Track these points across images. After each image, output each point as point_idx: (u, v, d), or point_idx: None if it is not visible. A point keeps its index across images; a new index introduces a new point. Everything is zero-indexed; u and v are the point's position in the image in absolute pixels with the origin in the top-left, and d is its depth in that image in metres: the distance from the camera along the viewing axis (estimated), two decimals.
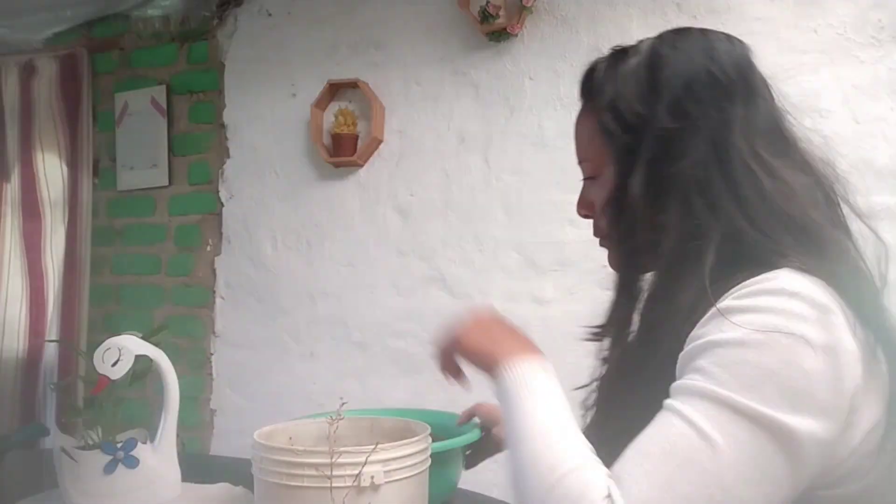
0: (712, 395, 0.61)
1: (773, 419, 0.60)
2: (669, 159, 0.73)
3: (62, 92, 2.71)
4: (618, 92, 0.78)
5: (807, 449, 0.61)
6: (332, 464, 0.79)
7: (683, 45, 0.77)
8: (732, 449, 0.59)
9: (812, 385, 0.61)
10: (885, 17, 1.81)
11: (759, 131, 0.75)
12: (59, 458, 1.13)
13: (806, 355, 0.61)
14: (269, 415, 2.30)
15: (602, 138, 0.80)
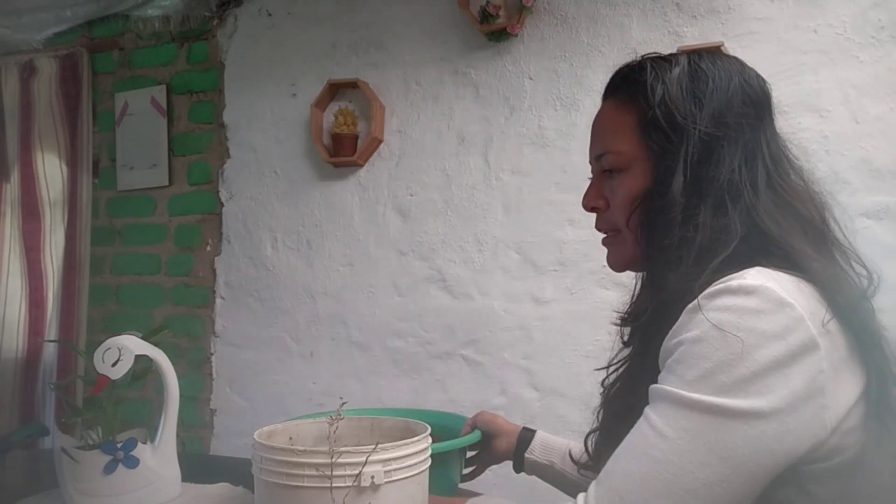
0: (668, 395, 0.70)
1: (724, 407, 0.67)
2: (709, 163, 0.79)
3: (62, 92, 2.71)
4: (668, 92, 0.82)
5: (763, 430, 0.66)
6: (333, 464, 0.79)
7: (721, 64, 0.84)
8: (683, 439, 0.68)
9: (764, 373, 0.67)
10: (885, 17, 1.81)
11: (777, 152, 0.83)
12: (59, 458, 1.13)
13: (758, 346, 0.67)
14: (269, 415, 2.30)
15: (644, 135, 0.84)
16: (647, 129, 0.83)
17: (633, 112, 0.86)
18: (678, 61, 0.85)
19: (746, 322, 0.68)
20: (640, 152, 0.84)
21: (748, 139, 0.80)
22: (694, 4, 1.97)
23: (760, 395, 0.66)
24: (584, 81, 2.07)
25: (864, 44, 1.83)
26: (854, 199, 1.81)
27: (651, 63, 0.87)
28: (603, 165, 0.89)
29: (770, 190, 0.79)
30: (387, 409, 1.45)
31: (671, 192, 0.79)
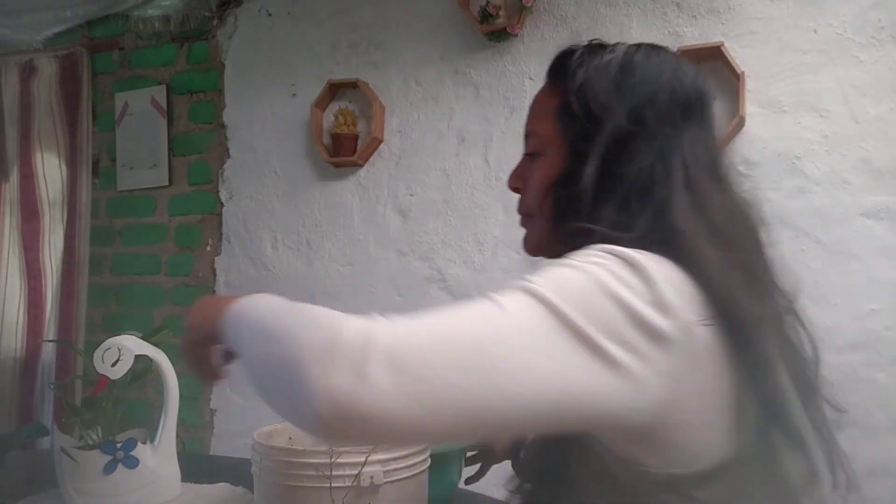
0: (524, 286, 0.63)
1: (573, 322, 0.60)
2: (621, 158, 0.77)
3: (62, 92, 2.71)
4: (589, 80, 0.80)
5: (594, 364, 0.60)
6: (332, 464, 0.79)
7: (656, 59, 0.82)
8: (521, 319, 0.60)
9: (608, 308, 0.62)
10: (885, 17, 1.81)
11: (700, 157, 0.79)
12: (59, 458, 1.13)
13: (611, 283, 0.63)
14: (269, 415, 2.29)
15: (561, 119, 0.82)
16: (565, 115, 0.82)
17: (556, 96, 0.84)
18: (613, 50, 0.83)
19: (609, 265, 0.65)
20: (557, 137, 0.83)
21: (668, 138, 0.78)
22: (694, 4, 1.97)
23: (604, 336, 0.60)
24: None
25: (864, 44, 1.83)
26: (854, 199, 1.81)
27: (584, 49, 0.84)
28: (528, 148, 0.88)
29: (687, 191, 0.76)
30: None
31: (580, 182, 0.77)
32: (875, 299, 1.80)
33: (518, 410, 0.59)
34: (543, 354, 0.59)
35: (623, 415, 0.62)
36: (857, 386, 1.80)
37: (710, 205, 0.76)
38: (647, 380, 0.62)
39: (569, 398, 0.60)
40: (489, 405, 0.58)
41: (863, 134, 1.82)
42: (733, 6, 1.93)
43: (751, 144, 1.90)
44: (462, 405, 0.57)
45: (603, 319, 0.61)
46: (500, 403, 0.58)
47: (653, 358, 0.62)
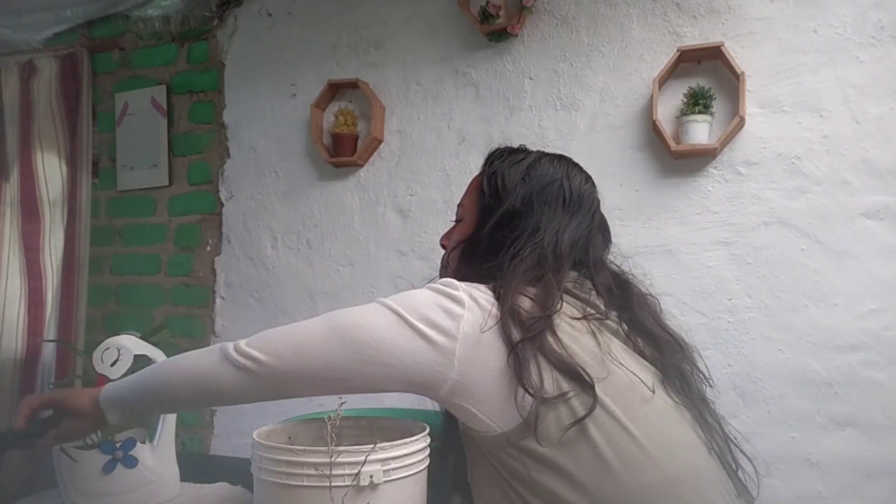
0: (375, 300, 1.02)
1: (399, 311, 0.98)
2: (507, 228, 1.10)
3: (62, 92, 2.71)
4: (501, 170, 1.17)
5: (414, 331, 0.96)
6: (332, 463, 0.79)
7: (558, 164, 1.19)
8: (372, 312, 1.01)
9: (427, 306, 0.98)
10: (885, 17, 1.81)
11: (561, 236, 1.09)
12: (59, 457, 1.13)
13: (432, 293, 1.01)
14: (268, 415, 2.30)
15: (477, 195, 1.18)
16: (480, 193, 1.17)
17: (480, 177, 1.21)
18: (529, 154, 1.22)
19: (434, 286, 1.02)
20: (472, 209, 1.18)
21: (542, 220, 1.10)
22: (694, 4, 1.97)
23: (422, 322, 0.95)
24: (584, 81, 2.07)
25: (864, 44, 1.82)
26: (854, 199, 1.81)
27: (508, 148, 1.25)
28: (456, 216, 1.25)
29: (533, 249, 1.07)
30: (387, 409, 1.45)
31: (478, 240, 1.12)
32: (875, 299, 1.80)
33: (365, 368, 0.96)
34: (383, 331, 0.95)
35: (437, 374, 0.94)
36: (857, 386, 1.80)
37: (545, 260, 1.06)
38: (450, 347, 0.94)
39: (397, 361, 0.94)
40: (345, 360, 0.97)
41: (863, 134, 1.81)
42: (733, 6, 1.93)
43: (751, 144, 1.90)
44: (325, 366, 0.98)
45: (415, 311, 0.96)
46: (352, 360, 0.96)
47: (452, 333, 0.94)
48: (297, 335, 1.00)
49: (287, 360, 0.95)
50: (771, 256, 1.88)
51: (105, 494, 1.14)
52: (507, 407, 0.92)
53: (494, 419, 0.93)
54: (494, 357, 0.94)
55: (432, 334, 0.94)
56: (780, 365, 1.86)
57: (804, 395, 1.84)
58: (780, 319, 1.87)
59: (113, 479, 1.14)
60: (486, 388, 0.93)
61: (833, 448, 1.81)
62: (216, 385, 0.95)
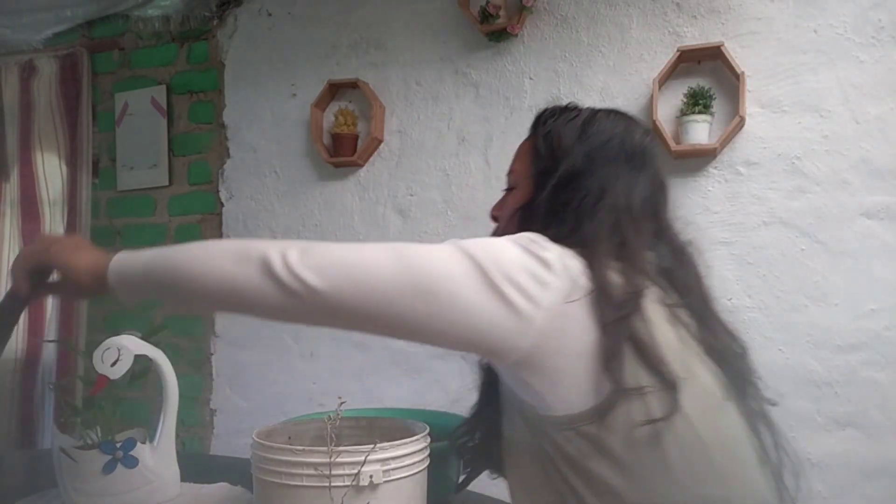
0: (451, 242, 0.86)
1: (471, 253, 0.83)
2: (569, 190, 0.98)
3: (62, 92, 2.71)
4: (555, 128, 1.03)
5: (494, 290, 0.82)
6: (331, 463, 0.79)
7: (615, 118, 1.04)
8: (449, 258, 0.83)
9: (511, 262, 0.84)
10: (885, 17, 1.81)
11: (631, 194, 0.99)
12: (59, 457, 1.13)
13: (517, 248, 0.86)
14: (268, 415, 2.30)
15: (531, 158, 1.05)
16: (533, 155, 1.04)
17: (531, 142, 1.06)
18: (581, 110, 1.05)
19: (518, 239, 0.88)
20: (527, 174, 1.05)
21: (611, 178, 0.98)
22: (694, 4, 1.97)
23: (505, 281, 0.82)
24: (584, 81, 2.07)
25: (864, 44, 1.82)
26: (854, 199, 1.81)
27: (559, 107, 1.07)
28: (506, 184, 1.11)
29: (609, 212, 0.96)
30: (387, 409, 1.45)
31: (537, 204, 0.99)
32: (875, 299, 1.80)
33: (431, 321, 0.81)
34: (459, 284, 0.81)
35: (509, 341, 0.82)
36: (857, 386, 1.80)
37: (624, 227, 0.96)
38: (531, 315, 0.82)
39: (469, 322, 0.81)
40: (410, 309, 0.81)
41: (863, 134, 1.81)
42: (733, 6, 1.93)
43: (751, 144, 1.90)
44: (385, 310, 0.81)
45: (501, 268, 0.82)
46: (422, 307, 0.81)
47: (537, 301, 0.82)
48: (359, 266, 0.82)
49: (344, 292, 0.80)
50: (771, 256, 1.88)
51: (105, 494, 1.14)
52: (580, 389, 0.84)
53: (560, 399, 0.85)
54: (578, 334, 0.84)
55: (515, 298, 0.81)
56: (780, 365, 1.86)
57: (804, 395, 1.84)
58: (780, 319, 1.87)
59: (113, 479, 1.14)
60: (560, 366, 0.84)
61: (833, 448, 1.81)
62: (251, 299, 0.82)
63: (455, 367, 2.20)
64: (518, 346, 0.82)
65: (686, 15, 1.98)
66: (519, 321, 0.81)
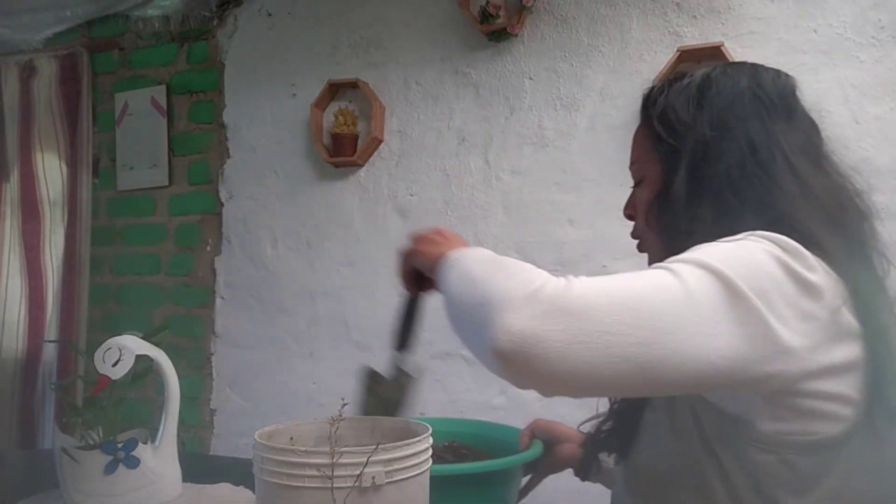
0: (687, 259, 0.71)
1: (730, 279, 0.67)
2: (708, 162, 0.84)
3: (62, 92, 2.71)
4: (668, 103, 0.90)
5: (745, 313, 0.67)
6: (334, 464, 0.79)
7: (734, 72, 0.90)
8: (695, 288, 0.66)
9: (768, 284, 0.69)
10: (885, 17, 1.81)
11: (796, 146, 0.86)
12: (60, 458, 1.13)
13: (767, 261, 0.70)
14: (269, 415, 2.30)
15: (650, 143, 0.92)
16: (653, 140, 0.91)
17: (646, 127, 0.94)
18: (692, 75, 0.91)
19: (763, 243, 0.72)
20: (651, 160, 0.92)
21: (758, 135, 0.84)
22: (694, 4, 1.97)
23: (766, 308, 0.67)
24: (584, 81, 2.07)
25: (864, 44, 1.83)
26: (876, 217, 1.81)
27: (666, 81, 0.94)
28: (632, 178, 0.97)
29: (791, 177, 0.82)
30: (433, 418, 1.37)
31: (672, 191, 0.85)
32: None
33: (681, 369, 0.65)
34: (711, 321, 0.66)
35: (769, 380, 0.69)
36: None
37: (814, 187, 0.83)
38: (792, 348, 0.68)
39: (727, 363, 0.66)
40: (656, 361, 0.64)
41: (863, 134, 1.82)
42: (733, 6, 1.93)
43: None
44: (631, 358, 0.64)
45: (765, 295, 0.67)
46: (667, 361, 0.64)
47: (797, 328, 0.69)
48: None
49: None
50: None
51: (107, 495, 1.14)
52: (832, 412, 0.72)
53: (786, 425, 0.73)
54: (838, 363, 0.72)
55: (778, 330, 0.67)
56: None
57: None
58: None
59: (115, 479, 1.14)
60: (809, 402, 0.72)
61: None
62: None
63: (455, 367, 2.21)
64: (769, 383, 0.70)
65: (686, 15, 1.98)
66: (779, 353, 0.68)
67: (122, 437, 1.17)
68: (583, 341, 0.64)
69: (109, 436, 1.17)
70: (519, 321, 0.64)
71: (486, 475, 1.06)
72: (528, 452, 1.12)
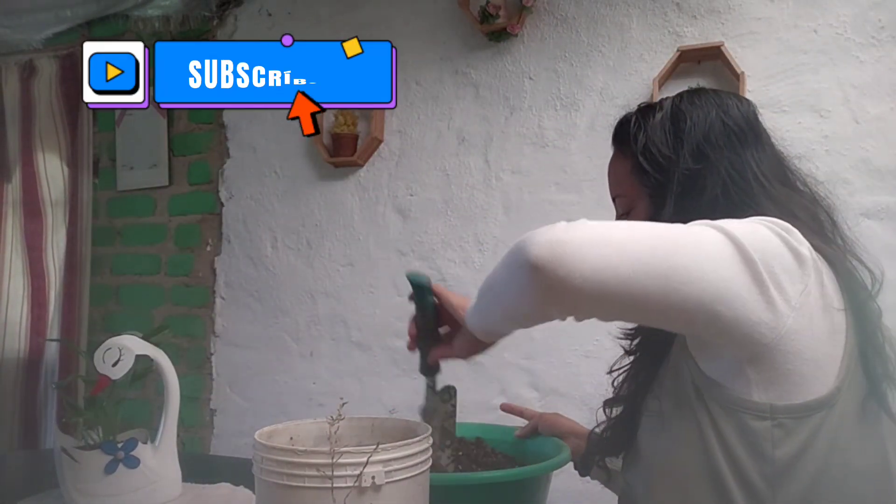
0: (704, 223, 0.79)
1: (741, 243, 0.75)
2: (693, 193, 0.90)
3: (62, 92, 2.71)
4: (649, 139, 0.94)
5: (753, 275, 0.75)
6: (333, 464, 0.79)
7: (700, 102, 0.95)
8: (707, 238, 0.75)
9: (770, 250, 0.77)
10: (885, 17, 1.81)
11: (767, 168, 0.92)
12: (60, 458, 1.13)
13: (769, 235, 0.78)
14: (269, 415, 2.31)
15: (636, 178, 0.96)
16: (638, 174, 0.95)
17: (626, 160, 0.97)
18: (661, 106, 0.96)
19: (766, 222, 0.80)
20: (638, 194, 0.96)
21: (733, 163, 0.90)
22: (694, 4, 1.97)
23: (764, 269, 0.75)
24: (584, 81, 2.07)
25: (864, 44, 1.82)
26: (854, 199, 1.81)
27: (637, 114, 0.98)
28: (617, 209, 1.01)
29: (769, 200, 0.88)
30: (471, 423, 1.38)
31: (664, 220, 0.87)
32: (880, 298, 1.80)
33: (686, 300, 0.73)
34: (718, 264, 0.74)
35: (756, 333, 0.76)
36: None
37: (790, 206, 0.89)
38: (784, 313, 0.76)
39: (724, 308, 0.74)
40: (663, 288, 0.73)
41: (863, 134, 1.81)
42: (733, 6, 1.93)
43: None
44: (642, 279, 0.72)
45: (768, 263, 0.75)
46: (684, 272, 0.73)
47: (792, 295, 0.76)
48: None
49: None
50: None
51: (107, 495, 1.14)
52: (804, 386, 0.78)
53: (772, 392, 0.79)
54: (822, 331, 0.79)
55: (773, 292, 0.75)
56: None
57: None
58: None
59: (115, 479, 1.14)
60: (793, 368, 0.78)
61: None
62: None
63: (455, 368, 2.20)
64: (759, 340, 0.76)
65: (686, 15, 1.98)
66: (772, 316, 0.75)
67: (122, 437, 1.17)
68: (609, 243, 0.73)
69: (109, 436, 1.17)
70: (549, 234, 0.73)
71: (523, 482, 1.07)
72: (557, 459, 1.11)
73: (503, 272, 0.81)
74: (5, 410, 2.66)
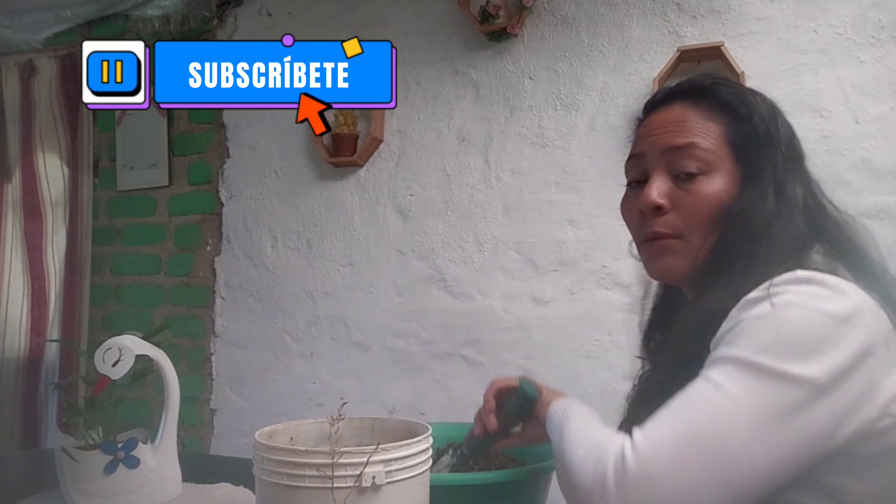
0: (731, 358, 0.71)
1: (783, 372, 0.69)
2: (787, 183, 0.84)
3: (62, 92, 2.71)
4: (758, 113, 0.87)
5: (821, 400, 0.69)
6: (334, 464, 0.79)
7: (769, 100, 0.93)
8: (745, 397, 0.69)
9: (822, 346, 0.69)
10: (885, 17, 1.81)
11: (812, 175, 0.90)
12: (60, 458, 1.13)
13: (817, 323, 0.70)
14: (269, 415, 2.30)
15: (732, 144, 0.86)
16: (735, 140, 0.86)
17: (719, 121, 0.87)
18: (753, 90, 0.92)
19: (810, 302, 0.72)
20: (727, 160, 0.85)
21: (802, 165, 0.88)
22: (694, 4, 1.97)
23: (821, 366, 0.68)
24: (584, 81, 2.07)
25: (864, 44, 1.82)
26: (854, 199, 1.81)
27: (735, 84, 0.93)
28: (682, 166, 0.86)
29: (836, 212, 0.88)
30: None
31: (764, 207, 0.82)
32: None
33: (757, 482, 0.69)
34: (767, 431, 0.68)
35: (830, 446, 0.70)
36: None
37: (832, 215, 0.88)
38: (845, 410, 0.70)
39: (795, 462, 0.70)
40: (732, 485, 0.68)
41: (863, 134, 1.81)
42: (733, 6, 1.93)
43: None
44: (710, 492, 0.68)
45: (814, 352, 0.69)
46: (742, 482, 0.69)
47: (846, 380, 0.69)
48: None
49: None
50: None
51: (107, 495, 1.14)
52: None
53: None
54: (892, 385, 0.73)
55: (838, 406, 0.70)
56: None
57: None
58: None
59: (115, 479, 1.14)
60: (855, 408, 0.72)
61: None
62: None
63: (455, 368, 2.21)
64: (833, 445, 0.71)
65: (686, 15, 1.98)
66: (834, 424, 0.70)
67: (122, 437, 1.17)
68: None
69: (109, 436, 1.17)
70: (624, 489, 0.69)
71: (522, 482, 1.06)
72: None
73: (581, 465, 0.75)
74: (5, 410, 2.66)
